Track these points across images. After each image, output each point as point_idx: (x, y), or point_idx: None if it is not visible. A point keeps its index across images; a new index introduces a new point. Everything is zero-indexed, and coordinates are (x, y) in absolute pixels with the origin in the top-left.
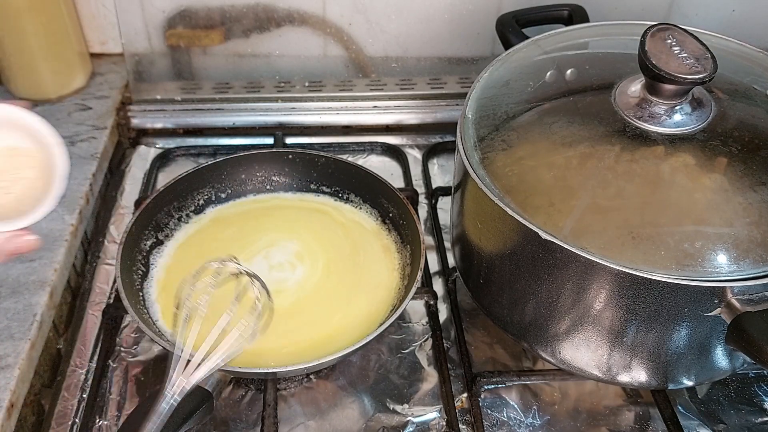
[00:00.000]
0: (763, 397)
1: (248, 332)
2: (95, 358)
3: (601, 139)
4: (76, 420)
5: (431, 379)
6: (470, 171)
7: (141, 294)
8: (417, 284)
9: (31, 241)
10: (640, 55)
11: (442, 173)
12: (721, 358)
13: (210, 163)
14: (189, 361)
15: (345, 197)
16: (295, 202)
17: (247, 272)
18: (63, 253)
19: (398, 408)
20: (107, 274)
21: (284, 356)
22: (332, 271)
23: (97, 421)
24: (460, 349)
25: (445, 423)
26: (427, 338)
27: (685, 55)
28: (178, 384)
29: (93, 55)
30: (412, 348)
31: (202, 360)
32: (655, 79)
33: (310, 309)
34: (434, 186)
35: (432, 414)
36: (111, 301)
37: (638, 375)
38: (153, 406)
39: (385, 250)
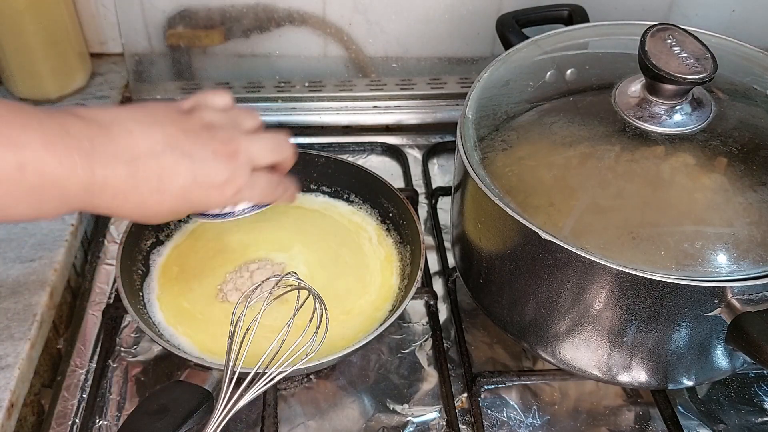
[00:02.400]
0: (763, 397)
1: (309, 346)
2: (95, 358)
3: (601, 139)
4: (76, 420)
5: (431, 379)
6: (470, 171)
7: (141, 294)
8: (417, 284)
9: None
10: (640, 55)
11: (442, 173)
12: (721, 358)
13: None
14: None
15: (345, 197)
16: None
17: (306, 287)
18: (63, 253)
19: (398, 408)
20: (107, 274)
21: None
22: (332, 271)
23: (97, 421)
24: (460, 349)
25: (445, 423)
26: (427, 338)
27: (685, 55)
28: (233, 401)
29: (93, 55)
30: (412, 348)
31: (258, 375)
32: (655, 79)
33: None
34: (434, 186)
35: (432, 414)
36: (111, 301)
37: (638, 375)
38: (209, 418)
39: (385, 250)
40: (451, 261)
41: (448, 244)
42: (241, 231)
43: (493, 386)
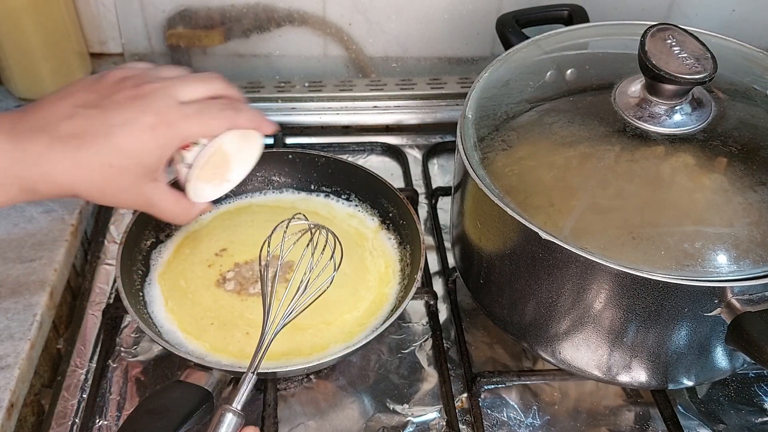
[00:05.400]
0: (763, 397)
1: (330, 266)
2: (95, 358)
3: (601, 139)
4: (76, 420)
5: (431, 379)
6: (470, 171)
7: (141, 294)
8: (417, 284)
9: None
10: (640, 55)
11: (442, 173)
12: (721, 358)
13: None
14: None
15: (345, 197)
16: (294, 201)
17: (318, 225)
18: (63, 253)
19: (398, 408)
20: (107, 274)
21: (284, 356)
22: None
23: (97, 421)
24: (460, 349)
25: (445, 423)
26: (427, 338)
27: (685, 55)
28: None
29: (93, 55)
30: (412, 348)
31: (294, 301)
32: (655, 79)
33: (311, 308)
34: (434, 186)
35: (432, 414)
36: (111, 301)
37: (638, 375)
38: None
39: (385, 250)
40: (451, 261)
41: (448, 244)
42: (240, 232)
43: (493, 386)
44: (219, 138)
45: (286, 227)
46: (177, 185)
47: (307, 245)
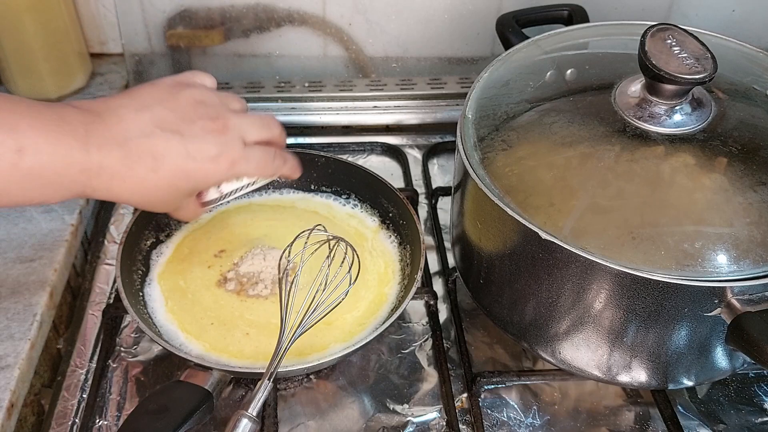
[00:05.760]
0: (763, 397)
1: (346, 280)
2: (95, 358)
3: (601, 139)
4: (76, 420)
5: (431, 379)
6: (470, 171)
7: (141, 294)
8: (417, 284)
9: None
10: (640, 55)
11: (442, 173)
12: (721, 358)
13: None
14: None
15: (345, 197)
16: (294, 201)
17: (337, 237)
18: (63, 253)
19: (398, 408)
20: (107, 274)
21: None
22: None
23: (97, 421)
24: (460, 349)
25: (445, 423)
26: (427, 338)
27: (685, 55)
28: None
29: (93, 55)
30: (412, 348)
31: (311, 313)
32: (655, 79)
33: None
34: (434, 186)
35: (432, 414)
36: (111, 301)
37: (638, 375)
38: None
39: (384, 250)
40: (451, 261)
41: (448, 244)
42: (240, 232)
43: (493, 386)
44: (257, 183)
45: (307, 238)
46: None
47: (327, 257)
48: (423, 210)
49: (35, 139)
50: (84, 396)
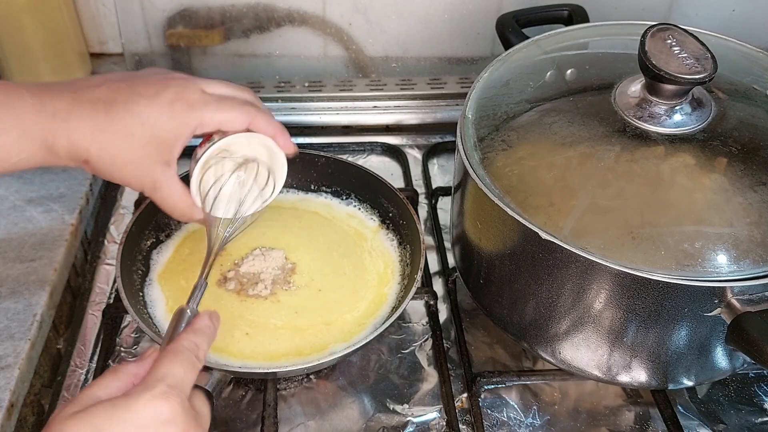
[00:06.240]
0: (763, 397)
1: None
2: (95, 358)
3: (601, 139)
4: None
5: (431, 379)
6: (470, 171)
7: (141, 294)
8: (417, 284)
9: None
10: (640, 55)
11: (442, 173)
12: (721, 358)
13: None
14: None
15: (345, 197)
16: (294, 202)
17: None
18: (63, 253)
19: (398, 408)
20: (107, 274)
21: (284, 356)
22: (331, 271)
23: None
24: (460, 349)
25: (445, 423)
26: (427, 338)
27: (685, 55)
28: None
29: (93, 55)
30: (412, 348)
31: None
32: (655, 79)
33: (310, 309)
34: (434, 186)
35: (432, 414)
36: (111, 301)
37: (638, 375)
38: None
39: (384, 250)
40: (451, 261)
41: (448, 244)
42: (243, 232)
43: (493, 386)
44: (233, 137)
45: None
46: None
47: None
48: (423, 210)
49: None
50: None
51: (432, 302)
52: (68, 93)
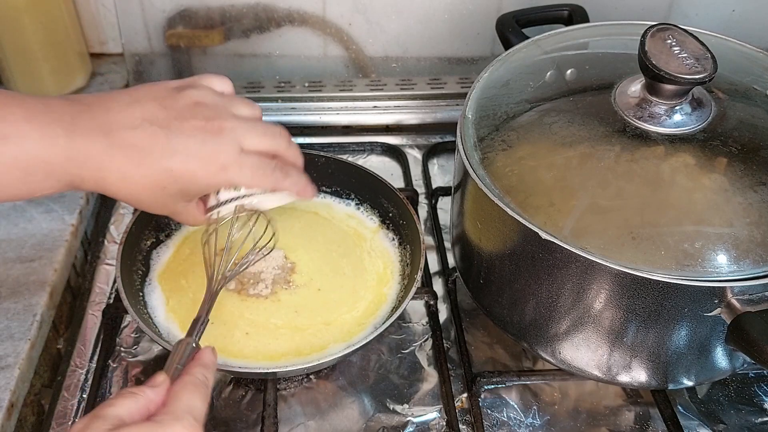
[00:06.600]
0: (763, 397)
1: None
2: (95, 358)
3: (601, 139)
4: (76, 420)
5: (431, 379)
6: (470, 171)
7: (141, 294)
8: (417, 284)
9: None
10: (640, 55)
11: (442, 173)
12: (721, 358)
13: None
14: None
15: (345, 197)
16: (294, 202)
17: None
18: (63, 253)
19: (398, 408)
20: (107, 274)
21: (284, 356)
22: (331, 271)
23: None
24: (460, 349)
25: (445, 423)
26: (427, 338)
27: (685, 55)
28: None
29: (93, 55)
30: (412, 348)
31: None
32: (655, 79)
33: (310, 308)
34: (434, 186)
35: (432, 414)
36: (111, 301)
37: (638, 375)
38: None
39: (384, 250)
40: (451, 261)
41: (448, 244)
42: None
43: (493, 386)
44: (256, 197)
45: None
46: None
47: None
48: (423, 210)
49: (19, 126)
50: (84, 396)
51: (432, 302)
52: (100, 135)
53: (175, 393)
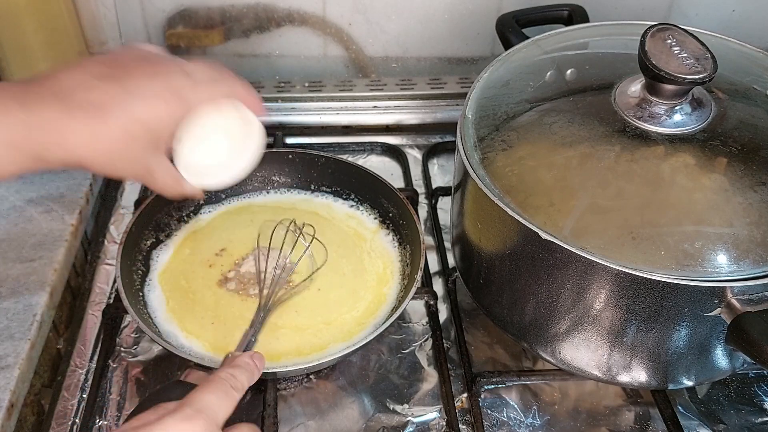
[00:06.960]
0: (763, 397)
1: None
2: (95, 358)
3: (601, 139)
4: (76, 420)
5: (431, 379)
6: (470, 171)
7: (141, 294)
8: (417, 284)
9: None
10: (640, 55)
11: (442, 173)
12: (721, 358)
13: None
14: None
15: (345, 197)
16: (294, 202)
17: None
18: (63, 253)
19: (398, 408)
20: (107, 274)
21: (284, 356)
22: (332, 271)
23: (97, 421)
24: (460, 349)
25: (445, 423)
26: (427, 338)
27: (685, 55)
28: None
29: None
30: (412, 348)
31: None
32: (655, 79)
33: (310, 308)
34: (434, 186)
35: (432, 414)
36: (111, 301)
37: (638, 375)
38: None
39: (383, 250)
40: (451, 261)
41: (448, 244)
42: (240, 232)
43: (493, 386)
44: (203, 109)
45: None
46: None
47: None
48: (423, 210)
49: None
50: (84, 396)
51: (432, 302)
52: (55, 100)
53: (194, 390)
